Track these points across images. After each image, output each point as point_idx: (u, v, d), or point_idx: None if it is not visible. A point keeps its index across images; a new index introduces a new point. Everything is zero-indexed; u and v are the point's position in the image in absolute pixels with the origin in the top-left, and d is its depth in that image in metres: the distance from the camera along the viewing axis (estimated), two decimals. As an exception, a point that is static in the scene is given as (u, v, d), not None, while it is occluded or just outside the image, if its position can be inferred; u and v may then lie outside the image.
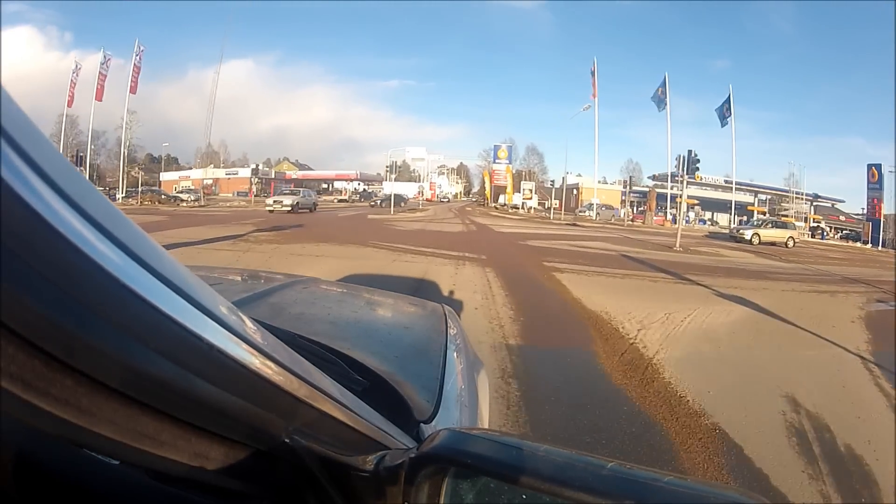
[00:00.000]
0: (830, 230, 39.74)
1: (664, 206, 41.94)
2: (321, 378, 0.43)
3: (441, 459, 0.40)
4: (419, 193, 53.10)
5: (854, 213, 43.21)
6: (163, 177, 53.69)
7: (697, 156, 16.24)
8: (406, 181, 58.70)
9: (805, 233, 32.02)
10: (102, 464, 0.44)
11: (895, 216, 32.21)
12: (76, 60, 40.56)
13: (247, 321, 0.36)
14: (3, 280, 0.21)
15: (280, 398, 0.36)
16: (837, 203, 46.46)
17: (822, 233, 38.17)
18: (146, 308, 0.26)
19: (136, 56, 40.00)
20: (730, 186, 43.24)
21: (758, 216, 34.47)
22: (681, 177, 15.59)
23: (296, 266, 6.87)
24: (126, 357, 0.26)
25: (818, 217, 41.77)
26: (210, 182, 53.52)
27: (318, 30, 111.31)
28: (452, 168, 75.41)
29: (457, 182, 75.61)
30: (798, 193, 43.01)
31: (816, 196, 44.97)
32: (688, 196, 39.17)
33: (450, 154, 73.96)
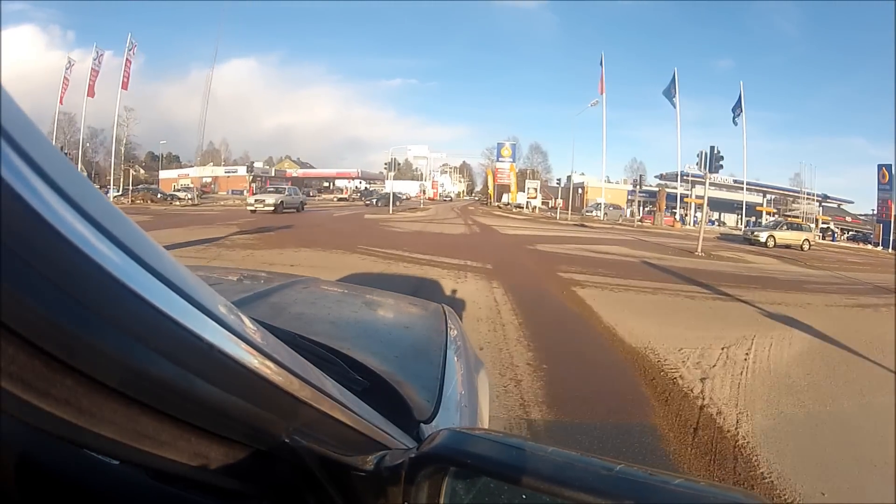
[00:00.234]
0: (839, 231, 39.11)
1: (672, 207, 41.00)
2: (321, 378, 0.43)
3: (441, 459, 0.40)
4: (421, 192, 52.28)
5: (859, 214, 42.57)
6: (162, 175, 53.18)
7: (720, 152, 14.93)
8: (409, 180, 57.82)
9: (818, 235, 30.87)
10: (102, 464, 0.44)
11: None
12: (69, 57, 39.73)
13: (247, 321, 0.36)
14: (3, 280, 0.21)
15: (280, 398, 0.36)
16: (846, 204, 45.64)
17: (833, 234, 37.50)
18: (146, 308, 0.26)
19: (129, 51, 39.04)
20: (738, 186, 42.14)
21: (769, 217, 33.40)
22: (704, 175, 14.31)
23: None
24: (126, 357, 0.26)
25: (826, 218, 41.13)
26: (209, 180, 52.86)
27: (321, 30, 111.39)
28: (455, 167, 74.82)
29: (459, 181, 75.02)
30: (809, 194, 42.10)
31: (825, 197, 44.13)
32: (696, 196, 37.96)
33: (452, 153, 73.13)
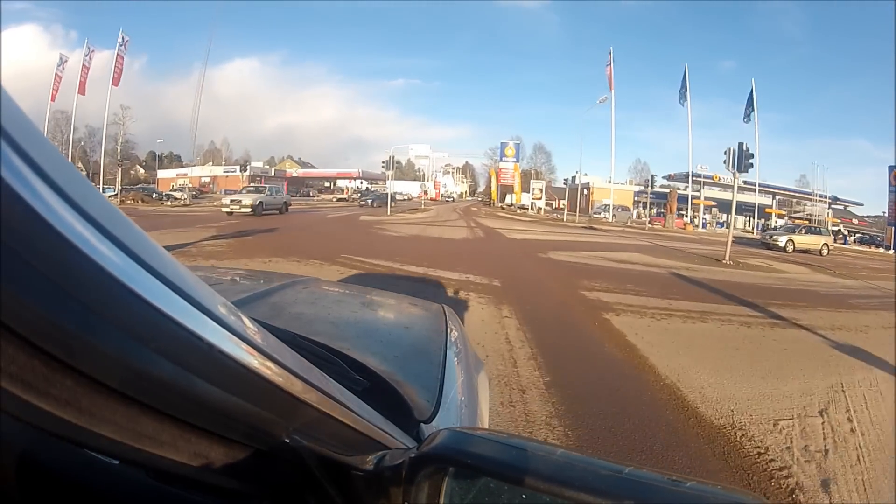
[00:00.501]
0: (847, 234, 38.13)
1: (680, 209, 39.70)
2: (321, 378, 0.43)
3: (441, 459, 0.40)
4: (423, 193, 51.00)
5: (864, 216, 41.79)
6: (160, 174, 52.64)
7: (749, 149, 13.42)
8: (412, 180, 56.61)
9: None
10: (103, 464, 0.44)
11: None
12: (61, 54, 38.63)
13: (247, 321, 0.36)
14: (3, 280, 0.20)
15: (280, 398, 0.36)
16: (854, 206, 44.70)
17: (844, 238, 36.37)
18: (146, 308, 0.26)
19: (121, 47, 37.82)
20: (748, 188, 40.48)
21: (778, 220, 31.95)
22: (732, 174, 12.81)
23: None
24: (126, 357, 0.26)
25: (835, 220, 39.89)
26: (208, 180, 51.90)
27: (322, 30, 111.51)
28: (458, 167, 73.75)
29: (462, 181, 73.90)
30: (822, 196, 41.15)
31: (835, 199, 42.81)
32: (705, 198, 36.51)
33: (454, 152, 71.88)
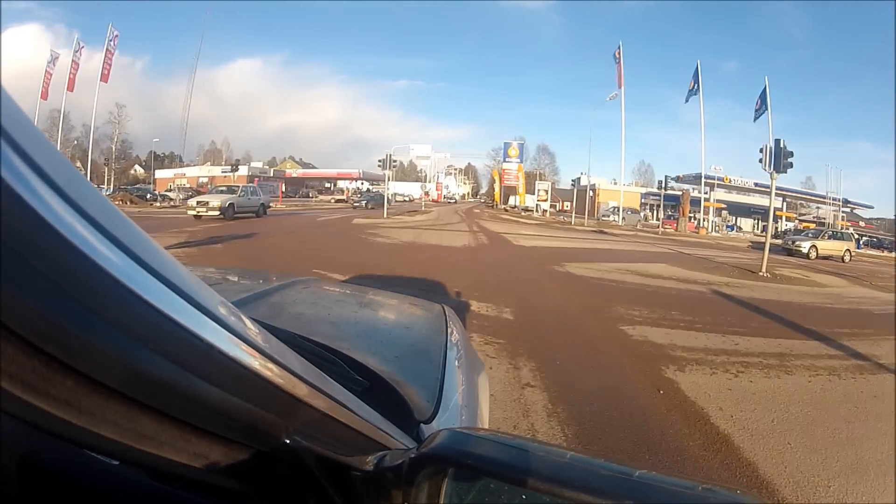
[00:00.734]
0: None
1: (688, 211, 38.23)
2: (321, 378, 0.43)
3: (441, 460, 0.40)
4: (425, 194, 49.86)
5: (869, 219, 41.08)
6: (158, 174, 52.01)
7: (786, 146, 11.91)
8: (414, 181, 55.53)
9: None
10: (103, 464, 0.44)
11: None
12: (51, 50, 37.52)
13: (247, 321, 0.36)
14: (3, 280, 0.20)
15: (280, 398, 0.36)
16: (864, 209, 43.52)
17: (857, 242, 34.36)
18: (146, 308, 0.26)
19: (110, 42, 36.64)
20: (759, 190, 39.20)
21: (787, 224, 30.53)
22: (769, 174, 11.30)
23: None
24: (126, 357, 0.26)
25: (845, 223, 37.78)
26: (205, 180, 51.45)
27: (326, 30, 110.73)
28: (460, 169, 72.79)
29: (464, 183, 72.93)
30: (835, 199, 39.84)
31: (846, 201, 41.43)
32: (716, 200, 35.04)
33: (456, 153, 70.70)
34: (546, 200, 39.63)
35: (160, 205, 27.32)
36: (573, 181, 33.62)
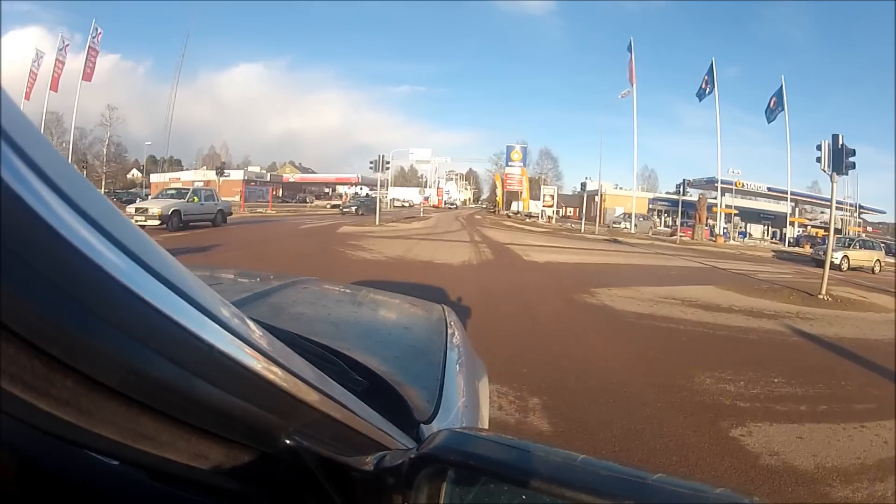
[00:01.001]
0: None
1: (694, 217, 36.21)
2: (321, 378, 0.43)
3: (441, 460, 0.40)
4: (425, 199, 48.00)
5: (874, 223, 39.84)
6: (153, 178, 51.83)
7: (844, 143, 9.83)
8: (415, 187, 53.82)
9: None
10: (103, 464, 0.44)
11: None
12: (37, 49, 35.85)
13: (247, 321, 0.36)
14: (4, 281, 0.20)
15: (280, 398, 0.36)
16: (876, 214, 42.81)
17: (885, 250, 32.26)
18: (146, 309, 0.26)
19: (93, 39, 34.94)
20: (774, 195, 37.33)
21: (798, 229, 28.37)
22: (830, 177, 9.29)
23: None
24: (126, 358, 0.26)
25: (856, 229, 37.11)
26: (201, 185, 50.42)
27: (329, 35, 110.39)
28: (461, 174, 71.26)
29: (465, 188, 71.34)
30: (852, 205, 38.38)
31: (860, 207, 39.44)
32: (726, 206, 33.04)
33: (457, 157, 69.05)
34: (552, 206, 37.53)
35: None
36: (582, 185, 31.40)
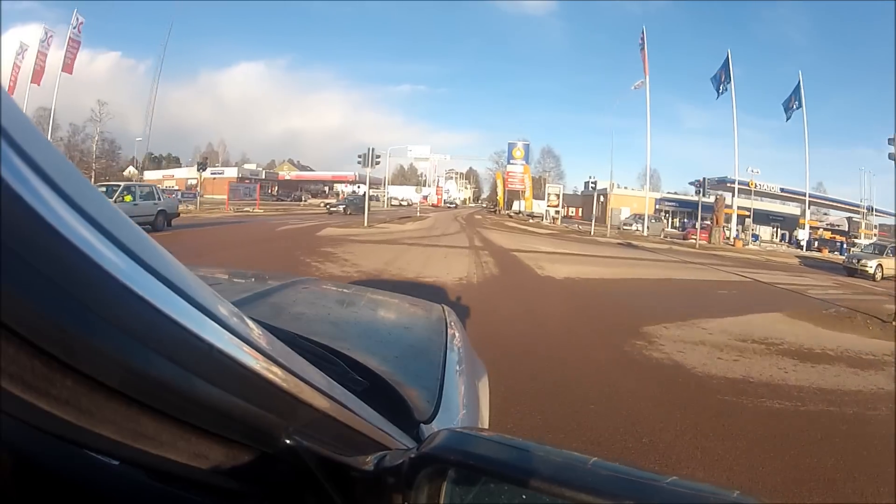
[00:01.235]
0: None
1: (704, 218, 34.17)
2: (321, 378, 0.43)
3: (441, 460, 0.40)
4: (424, 198, 46.04)
5: (879, 225, 37.29)
6: (146, 175, 51.12)
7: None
8: (414, 185, 52.03)
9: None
10: (102, 464, 0.44)
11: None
12: (21, 41, 33.92)
13: (247, 321, 0.36)
14: (4, 280, 0.20)
15: (280, 398, 0.36)
16: (888, 216, 40.07)
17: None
18: (146, 308, 0.26)
19: (74, 29, 32.98)
20: (790, 197, 35.37)
21: (803, 231, 26.22)
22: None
23: None
24: (126, 357, 0.26)
25: (867, 232, 35.24)
26: (194, 182, 48.90)
27: (330, 35, 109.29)
28: (461, 173, 69.51)
29: (465, 187, 69.48)
30: (868, 208, 35.73)
31: (872, 209, 38.31)
32: (739, 207, 31.14)
33: (457, 155, 67.16)
34: (557, 206, 35.46)
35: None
36: (591, 184, 29.36)
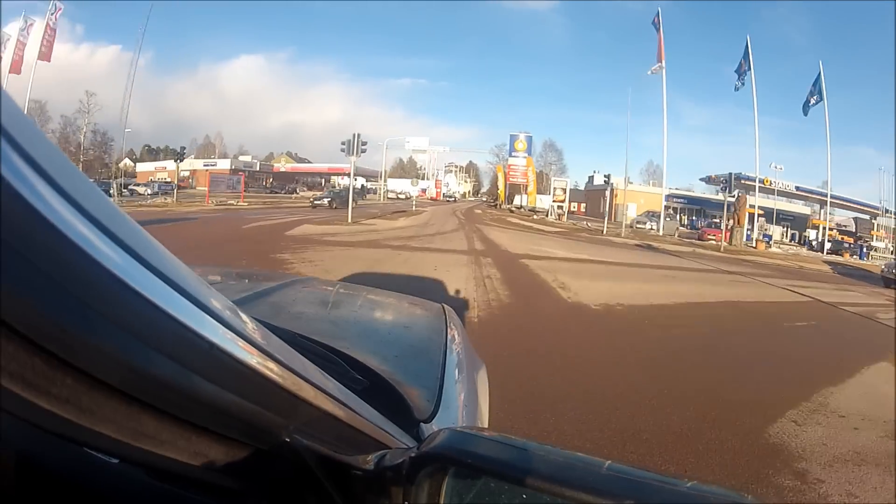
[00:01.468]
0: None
1: (713, 217, 33.70)
2: (321, 377, 0.43)
3: (441, 459, 0.40)
4: (422, 192, 43.91)
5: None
6: (139, 167, 51.41)
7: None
8: (416, 179, 50.02)
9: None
10: (102, 462, 0.44)
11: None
12: (2, 32, 31.96)
13: (247, 320, 0.36)
14: (4, 279, 0.20)
15: (280, 397, 0.36)
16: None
17: None
18: (146, 306, 0.26)
19: (51, 16, 30.97)
20: (805, 195, 33.29)
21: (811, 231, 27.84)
22: None
23: None
24: (126, 356, 0.26)
25: (879, 234, 34.16)
26: (187, 174, 47.28)
27: (330, 28, 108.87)
28: (461, 166, 67.59)
29: (465, 181, 67.43)
30: (887, 210, 34.72)
31: (886, 210, 36.15)
32: (749, 206, 28.97)
33: (456, 148, 65.12)
34: (563, 201, 33.21)
35: (115, 201, 21.99)
36: (605, 179, 26.95)
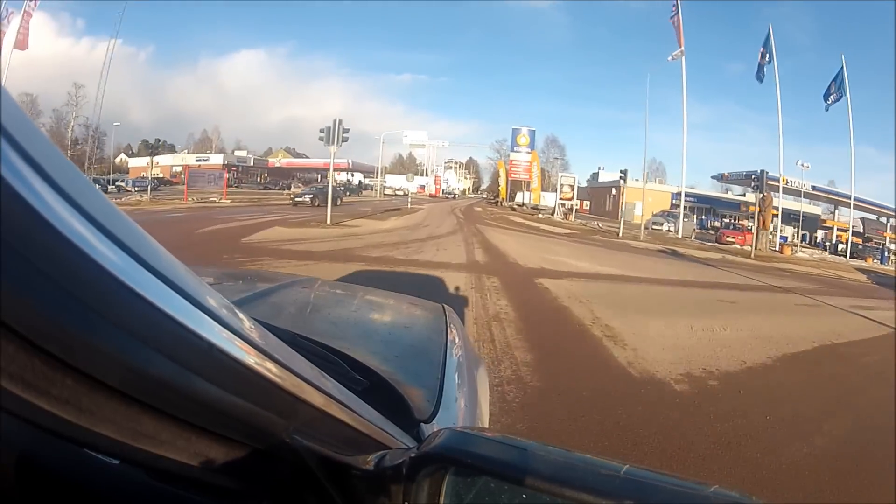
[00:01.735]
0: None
1: (721, 216, 32.88)
2: (321, 377, 0.43)
3: (441, 459, 0.40)
4: (421, 188, 41.88)
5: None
6: (131, 162, 51.33)
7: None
8: (415, 175, 48.03)
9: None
10: (102, 463, 0.44)
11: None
12: None
13: (247, 320, 0.36)
14: (4, 279, 0.20)
15: (280, 397, 0.36)
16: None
17: None
18: (146, 307, 0.26)
19: (29, 3, 29.19)
20: (822, 196, 31.54)
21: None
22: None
23: None
24: (126, 356, 0.26)
25: (891, 235, 32.31)
26: (179, 169, 46.04)
27: (331, 23, 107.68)
28: (461, 163, 65.68)
29: (465, 177, 65.43)
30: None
31: None
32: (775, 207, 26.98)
33: (456, 143, 63.07)
34: (571, 199, 30.87)
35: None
36: (621, 175, 24.65)
